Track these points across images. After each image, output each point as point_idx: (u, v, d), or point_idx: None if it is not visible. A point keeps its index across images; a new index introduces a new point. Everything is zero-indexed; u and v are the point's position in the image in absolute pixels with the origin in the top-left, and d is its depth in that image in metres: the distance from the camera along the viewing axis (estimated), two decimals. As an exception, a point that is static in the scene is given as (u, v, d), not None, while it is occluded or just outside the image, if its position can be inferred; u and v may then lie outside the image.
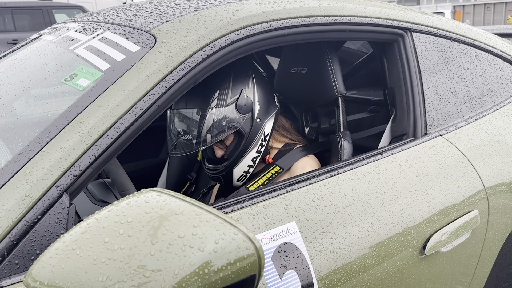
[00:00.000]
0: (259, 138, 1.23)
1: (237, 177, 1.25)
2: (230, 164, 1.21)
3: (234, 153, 1.21)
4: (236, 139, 1.21)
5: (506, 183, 1.29)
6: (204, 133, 1.16)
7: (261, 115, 1.22)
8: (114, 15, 1.14)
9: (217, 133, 1.16)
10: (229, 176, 1.24)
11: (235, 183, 1.26)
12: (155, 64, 0.89)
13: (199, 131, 1.17)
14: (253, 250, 0.59)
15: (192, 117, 1.18)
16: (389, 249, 1.01)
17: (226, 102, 1.17)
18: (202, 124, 1.16)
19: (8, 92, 1.14)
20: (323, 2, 1.17)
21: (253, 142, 1.22)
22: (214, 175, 1.26)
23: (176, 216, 0.60)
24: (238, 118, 1.18)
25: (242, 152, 1.21)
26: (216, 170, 1.24)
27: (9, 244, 0.69)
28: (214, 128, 1.16)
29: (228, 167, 1.21)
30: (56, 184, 0.74)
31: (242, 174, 1.25)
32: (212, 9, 1.03)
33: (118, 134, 0.81)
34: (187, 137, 1.19)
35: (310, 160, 1.29)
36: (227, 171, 1.22)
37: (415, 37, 1.30)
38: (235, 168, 1.22)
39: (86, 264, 0.56)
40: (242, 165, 1.23)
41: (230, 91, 1.18)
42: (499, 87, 1.50)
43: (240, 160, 1.22)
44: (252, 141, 1.22)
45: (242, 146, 1.20)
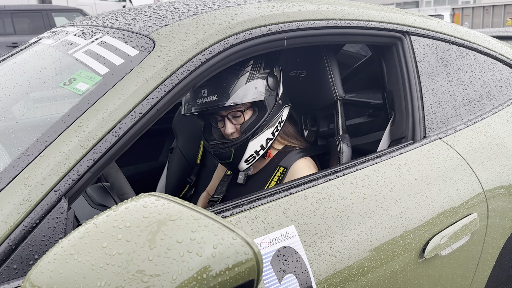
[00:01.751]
0: (276, 120, 1.26)
1: (249, 153, 1.22)
2: (248, 137, 1.20)
3: (254, 126, 1.21)
4: (257, 113, 1.23)
5: (505, 186, 1.29)
6: (233, 93, 1.16)
7: (282, 98, 1.28)
8: (113, 19, 1.14)
9: (249, 96, 1.18)
10: (241, 150, 1.21)
11: (242, 164, 1.24)
12: (154, 68, 0.89)
13: (228, 91, 1.16)
14: (251, 254, 0.59)
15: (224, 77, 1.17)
16: (388, 252, 1.00)
17: (259, 71, 1.21)
18: (234, 84, 1.17)
19: (7, 96, 1.14)
20: (321, 5, 1.17)
21: (272, 121, 1.24)
22: (227, 148, 1.21)
23: (174, 221, 0.60)
24: (266, 90, 1.22)
25: (262, 126, 1.22)
26: (231, 142, 1.21)
27: (8, 249, 0.69)
28: (246, 89, 1.18)
29: (245, 139, 1.20)
30: (55, 188, 0.74)
31: (252, 154, 1.23)
32: (211, 13, 1.03)
33: (116, 139, 0.81)
34: (211, 98, 1.16)
35: (307, 162, 1.29)
36: (242, 144, 1.20)
37: (413, 40, 1.30)
38: (252, 141, 1.21)
39: (85, 269, 0.56)
40: (258, 140, 1.22)
41: (263, 64, 1.23)
42: (497, 90, 1.50)
43: (258, 133, 1.22)
44: (272, 119, 1.24)
45: (263, 120, 1.22)
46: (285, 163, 1.29)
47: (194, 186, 1.83)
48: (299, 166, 1.27)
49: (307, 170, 1.26)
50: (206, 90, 1.17)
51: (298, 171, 1.25)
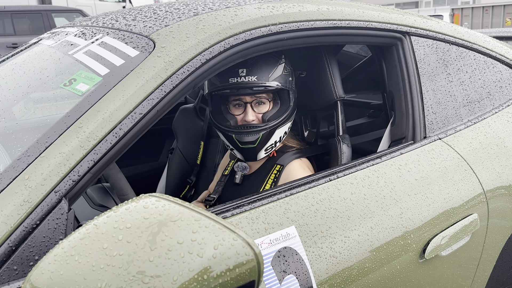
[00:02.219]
0: (293, 116, 1.30)
1: (272, 141, 1.24)
2: (276, 124, 1.23)
3: (282, 115, 1.24)
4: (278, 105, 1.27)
5: (505, 186, 1.29)
6: (272, 77, 1.21)
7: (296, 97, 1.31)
8: (113, 19, 1.14)
9: (281, 82, 1.22)
10: (268, 137, 1.23)
11: (261, 152, 1.25)
12: (154, 69, 0.89)
13: (268, 74, 1.20)
14: (252, 255, 0.59)
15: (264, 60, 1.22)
16: (389, 253, 1.00)
17: (289, 66, 1.29)
18: (274, 69, 1.22)
19: (7, 96, 1.14)
20: (321, 6, 1.17)
21: (292, 115, 1.29)
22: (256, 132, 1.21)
23: (175, 222, 0.60)
24: (292, 85, 1.28)
25: (287, 117, 1.25)
26: (260, 127, 1.22)
27: (8, 250, 0.68)
28: (282, 77, 1.23)
29: (273, 126, 1.22)
30: (55, 189, 0.74)
31: (272, 144, 1.25)
32: (211, 14, 1.03)
33: (117, 139, 0.81)
34: (250, 78, 1.19)
35: (301, 163, 1.29)
36: (271, 130, 1.22)
37: (413, 40, 1.30)
38: (278, 129, 1.24)
39: (85, 270, 0.56)
40: (281, 130, 1.26)
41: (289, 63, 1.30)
42: (498, 90, 1.50)
43: (284, 124, 1.25)
44: (292, 114, 1.28)
45: (288, 112, 1.26)
46: (282, 162, 1.30)
47: (194, 186, 1.83)
48: (293, 167, 1.27)
49: (301, 171, 1.26)
50: (245, 70, 1.20)
51: (292, 172, 1.25)
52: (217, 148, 1.79)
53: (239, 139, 1.23)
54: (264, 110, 1.25)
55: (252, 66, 1.20)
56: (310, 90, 1.39)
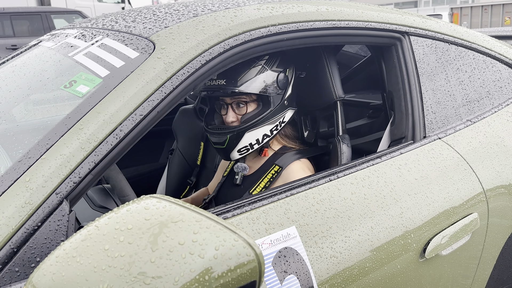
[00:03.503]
0: (278, 119, 1.27)
1: (242, 144, 1.24)
2: (246, 127, 1.22)
3: (254, 118, 1.23)
4: (260, 108, 1.25)
5: (505, 185, 1.29)
6: (242, 81, 1.19)
7: (289, 100, 1.29)
8: (113, 21, 1.15)
9: (255, 87, 1.20)
10: (237, 139, 1.23)
11: (234, 153, 1.25)
12: (154, 70, 0.89)
13: (237, 78, 1.19)
14: (253, 256, 0.59)
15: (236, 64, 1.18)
16: (389, 252, 1.01)
17: (272, 67, 1.24)
18: (244, 73, 1.20)
19: (7, 98, 1.14)
20: (321, 7, 1.17)
21: (273, 118, 1.26)
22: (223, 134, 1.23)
23: (176, 223, 0.60)
24: (274, 87, 1.24)
25: (261, 120, 1.23)
26: (228, 129, 1.23)
27: (9, 251, 0.69)
28: (254, 81, 1.20)
29: (242, 129, 1.22)
30: (56, 191, 0.74)
31: (247, 146, 1.24)
32: (211, 15, 1.03)
33: (117, 141, 0.81)
34: (220, 82, 1.19)
35: (301, 164, 1.29)
36: (239, 133, 1.22)
37: (413, 40, 1.30)
38: (248, 132, 1.23)
39: (87, 271, 0.56)
40: (254, 133, 1.24)
41: (277, 62, 1.25)
42: (497, 89, 1.50)
43: (256, 127, 1.23)
44: (274, 117, 1.26)
45: (264, 116, 1.23)
46: (281, 163, 1.30)
47: (195, 187, 1.84)
48: (293, 169, 1.27)
49: (301, 172, 1.26)
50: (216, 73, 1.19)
51: (292, 173, 1.26)
52: (217, 148, 1.79)
53: (212, 139, 1.27)
54: (243, 111, 1.25)
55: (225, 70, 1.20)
56: (310, 90, 1.40)
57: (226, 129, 1.23)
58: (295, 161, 1.29)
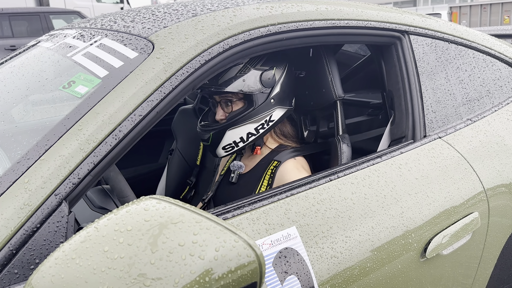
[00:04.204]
0: (263, 117, 1.26)
1: (226, 142, 1.24)
2: (227, 125, 1.23)
3: (236, 117, 1.23)
4: (245, 106, 1.25)
5: (505, 184, 1.29)
6: (223, 80, 1.19)
7: (276, 98, 1.27)
8: (111, 21, 1.14)
9: (234, 86, 1.19)
10: (219, 136, 1.24)
11: (219, 151, 1.26)
12: (153, 70, 0.88)
13: (217, 76, 1.19)
14: (253, 257, 0.59)
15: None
16: (390, 252, 1.00)
17: (256, 66, 1.22)
18: (225, 72, 1.19)
19: (6, 99, 1.14)
20: (320, 6, 1.17)
21: (257, 116, 1.24)
22: (205, 130, 1.26)
23: (176, 224, 0.59)
24: (257, 86, 1.23)
25: (243, 118, 1.23)
26: (211, 126, 1.25)
27: (8, 253, 0.68)
28: (234, 79, 1.19)
29: (223, 126, 1.23)
30: (55, 192, 0.74)
31: (231, 144, 1.25)
32: (210, 15, 1.03)
33: (117, 141, 0.81)
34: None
35: (295, 163, 1.29)
36: (220, 130, 1.23)
37: (412, 39, 1.30)
38: (229, 130, 1.23)
39: (86, 273, 0.56)
40: (236, 131, 1.24)
41: (263, 60, 1.24)
42: (497, 88, 1.50)
43: (237, 125, 1.23)
44: (257, 115, 1.24)
45: (246, 114, 1.23)
46: (279, 158, 1.30)
47: (194, 187, 1.83)
48: (286, 168, 1.27)
49: (295, 171, 1.25)
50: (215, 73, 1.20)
51: (285, 173, 1.26)
52: (217, 148, 1.79)
53: (199, 136, 1.30)
54: (230, 110, 1.27)
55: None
56: (310, 90, 1.39)
57: (209, 126, 1.26)
58: (289, 159, 1.29)
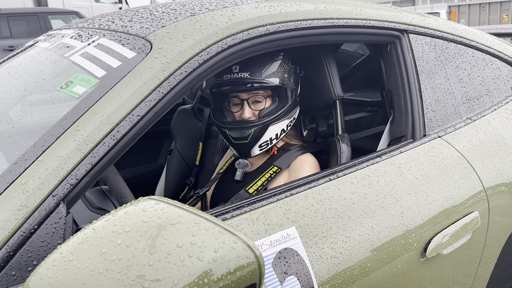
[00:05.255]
0: (293, 114, 1.29)
1: (266, 138, 1.24)
2: (270, 120, 1.23)
3: (277, 112, 1.24)
4: (276, 102, 1.27)
5: (505, 184, 1.29)
6: (266, 73, 1.20)
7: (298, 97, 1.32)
8: (109, 21, 1.14)
9: (275, 78, 1.21)
10: (260, 133, 1.23)
11: (255, 149, 1.25)
12: (152, 70, 0.88)
13: (261, 70, 1.20)
14: (253, 258, 0.59)
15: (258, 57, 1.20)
16: (390, 252, 1.00)
17: (288, 64, 1.27)
18: (268, 65, 1.21)
19: (3, 100, 1.13)
20: (319, 5, 1.16)
21: (289, 113, 1.28)
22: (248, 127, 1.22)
23: (174, 225, 0.59)
24: (290, 82, 1.26)
25: (283, 114, 1.25)
26: (252, 122, 1.22)
27: (6, 255, 0.68)
28: (277, 74, 1.22)
29: (266, 122, 1.22)
30: (53, 193, 0.73)
31: (267, 141, 1.25)
32: (208, 14, 1.02)
33: (115, 142, 0.80)
34: (243, 74, 1.19)
35: (309, 157, 1.31)
36: (263, 126, 1.22)
37: (412, 38, 1.30)
38: (272, 125, 1.24)
39: (84, 275, 0.56)
40: (277, 127, 1.25)
41: (290, 59, 1.28)
42: (496, 87, 1.50)
43: (279, 120, 1.25)
44: (290, 112, 1.27)
45: (285, 109, 1.25)
46: (281, 163, 1.29)
47: (193, 187, 1.83)
48: (302, 160, 1.28)
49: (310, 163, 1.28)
50: (238, 67, 1.20)
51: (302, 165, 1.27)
52: (216, 148, 1.79)
53: (232, 135, 1.25)
54: (261, 107, 1.25)
55: (246, 63, 1.20)
56: (309, 89, 1.39)
57: (251, 122, 1.23)
58: (302, 154, 1.31)
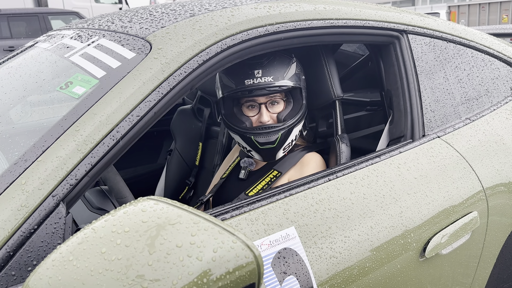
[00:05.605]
0: (305, 114, 1.30)
1: (289, 140, 1.25)
2: (294, 123, 1.24)
3: (297, 114, 1.25)
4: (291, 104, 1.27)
5: (504, 184, 1.29)
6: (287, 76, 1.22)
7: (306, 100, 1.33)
8: (109, 21, 1.14)
9: (295, 81, 1.23)
10: (286, 136, 1.24)
11: (280, 152, 1.26)
12: (151, 71, 0.88)
13: (282, 74, 1.21)
14: (252, 258, 0.59)
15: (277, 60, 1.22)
16: (389, 252, 1.00)
17: (300, 65, 1.29)
18: (288, 68, 1.23)
19: (3, 100, 1.14)
20: (318, 5, 1.17)
21: (305, 113, 1.30)
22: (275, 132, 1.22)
23: (173, 225, 0.59)
24: (304, 83, 1.28)
25: (302, 115, 1.27)
26: (279, 127, 1.22)
27: (5, 255, 0.68)
28: (295, 76, 1.24)
29: (291, 125, 1.24)
30: (53, 193, 0.73)
31: (289, 142, 1.26)
32: (208, 15, 1.02)
33: (114, 142, 0.80)
34: (266, 79, 1.20)
35: (315, 155, 1.32)
36: (289, 129, 1.23)
37: (411, 39, 1.30)
38: (295, 127, 1.25)
39: (83, 275, 0.56)
40: (298, 128, 1.27)
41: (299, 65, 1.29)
42: (496, 87, 1.50)
43: (300, 122, 1.27)
44: (306, 112, 1.30)
45: (302, 110, 1.27)
46: (281, 167, 1.29)
47: (193, 188, 1.83)
48: (309, 157, 1.30)
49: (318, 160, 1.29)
50: (260, 71, 1.20)
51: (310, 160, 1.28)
52: (216, 149, 1.79)
53: (258, 140, 1.23)
54: (279, 110, 1.26)
55: (267, 67, 1.20)
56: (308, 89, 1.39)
57: (278, 126, 1.23)
58: (309, 152, 1.32)
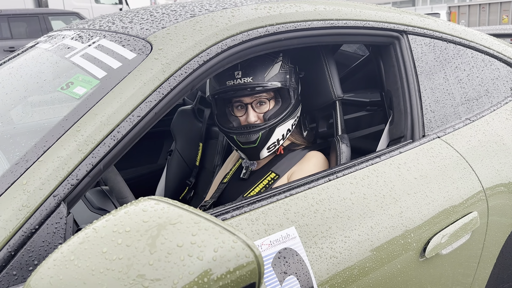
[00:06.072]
0: (296, 113, 1.30)
1: (273, 140, 1.25)
2: (276, 122, 1.24)
3: (282, 113, 1.25)
4: (280, 103, 1.27)
5: (504, 184, 1.29)
6: (268, 76, 1.22)
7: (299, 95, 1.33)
8: (110, 22, 1.14)
9: (278, 80, 1.23)
10: (267, 136, 1.24)
11: (264, 151, 1.26)
12: (152, 71, 0.88)
13: (263, 74, 1.21)
14: (252, 257, 0.59)
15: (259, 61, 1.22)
16: (389, 252, 1.00)
17: (288, 64, 1.28)
18: (269, 68, 1.22)
19: (4, 101, 1.14)
20: (318, 6, 1.17)
21: (294, 113, 1.29)
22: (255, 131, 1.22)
23: (174, 225, 0.59)
24: (292, 82, 1.28)
25: (287, 115, 1.26)
26: (259, 126, 1.23)
27: (7, 255, 0.68)
28: (279, 76, 1.24)
29: (273, 125, 1.23)
30: (54, 193, 0.74)
31: (274, 142, 1.26)
32: (208, 15, 1.02)
33: (115, 142, 0.81)
34: (246, 79, 1.20)
35: (318, 153, 1.33)
36: (270, 129, 1.23)
37: (411, 39, 1.30)
38: (278, 127, 1.25)
39: (85, 274, 0.56)
40: (283, 127, 1.26)
41: (289, 59, 1.29)
42: (496, 88, 1.50)
43: (284, 121, 1.26)
44: (294, 111, 1.29)
45: (289, 109, 1.26)
46: (278, 169, 1.29)
47: (194, 188, 1.83)
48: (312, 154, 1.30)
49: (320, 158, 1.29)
50: (240, 72, 1.20)
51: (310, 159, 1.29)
52: (216, 149, 1.79)
53: (239, 140, 1.25)
54: (265, 109, 1.26)
55: (247, 67, 1.21)
56: (308, 90, 1.39)
57: (257, 126, 1.23)
58: (310, 151, 1.33)
